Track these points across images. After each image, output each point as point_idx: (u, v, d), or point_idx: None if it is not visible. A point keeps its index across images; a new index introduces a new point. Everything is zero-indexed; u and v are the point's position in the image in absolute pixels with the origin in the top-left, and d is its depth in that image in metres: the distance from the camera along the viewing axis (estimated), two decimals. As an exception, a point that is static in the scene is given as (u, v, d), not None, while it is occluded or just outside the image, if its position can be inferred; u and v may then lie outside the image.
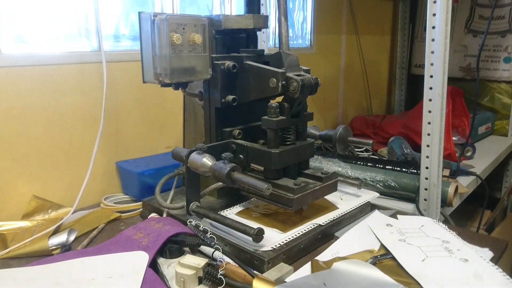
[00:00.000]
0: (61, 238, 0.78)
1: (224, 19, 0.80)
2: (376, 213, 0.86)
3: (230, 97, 0.80)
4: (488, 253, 0.70)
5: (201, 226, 0.72)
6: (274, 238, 0.71)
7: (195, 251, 0.72)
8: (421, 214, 1.02)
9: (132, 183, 1.01)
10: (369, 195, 0.91)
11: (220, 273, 0.61)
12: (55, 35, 0.97)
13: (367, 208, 0.89)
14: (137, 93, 1.08)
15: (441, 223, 0.81)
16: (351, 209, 0.84)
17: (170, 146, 1.18)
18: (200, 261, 0.63)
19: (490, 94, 1.94)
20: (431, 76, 0.98)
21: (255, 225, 0.68)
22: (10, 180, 0.90)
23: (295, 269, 0.67)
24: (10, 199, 0.90)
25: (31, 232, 0.81)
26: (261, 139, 0.83)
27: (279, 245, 0.69)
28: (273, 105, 0.73)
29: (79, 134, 0.99)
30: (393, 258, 0.68)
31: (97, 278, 0.62)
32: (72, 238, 0.80)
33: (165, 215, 0.84)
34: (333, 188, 0.81)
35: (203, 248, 0.71)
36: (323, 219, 0.78)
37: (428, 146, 1.02)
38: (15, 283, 0.63)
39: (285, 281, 0.62)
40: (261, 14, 0.89)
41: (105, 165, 1.05)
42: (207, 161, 0.70)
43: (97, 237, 0.82)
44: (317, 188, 0.76)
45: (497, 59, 1.91)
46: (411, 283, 0.62)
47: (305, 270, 0.67)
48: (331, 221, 0.78)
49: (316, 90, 0.76)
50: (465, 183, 1.24)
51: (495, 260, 0.69)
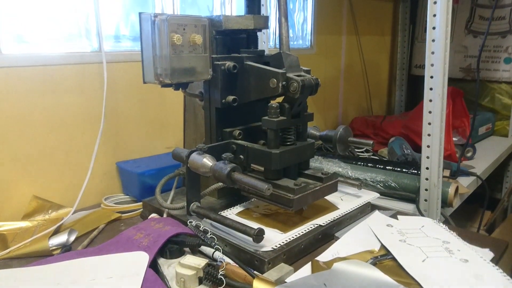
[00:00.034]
0: (62, 238, 0.78)
1: (224, 19, 0.80)
2: (376, 214, 0.86)
3: (230, 98, 0.80)
4: (488, 254, 0.70)
5: (202, 226, 0.72)
6: (274, 238, 0.70)
7: (196, 251, 0.72)
8: (422, 214, 1.02)
9: (132, 183, 1.01)
10: (370, 196, 0.91)
11: (220, 273, 0.61)
12: (55, 35, 0.98)
13: (368, 208, 0.89)
14: (137, 93, 1.09)
15: (442, 223, 0.81)
16: (351, 210, 0.84)
17: (170, 146, 1.18)
18: (200, 262, 0.63)
19: (490, 94, 1.94)
20: (432, 76, 0.98)
21: (255, 225, 0.68)
22: (10, 180, 0.90)
23: (296, 270, 0.67)
24: (10, 199, 0.90)
25: (31, 232, 0.81)
26: (261, 139, 0.83)
27: (280, 246, 0.69)
28: (274, 105, 0.73)
29: (80, 134, 0.99)
30: (394, 258, 0.68)
31: (97, 278, 0.62)
32: (72, 238, 0.80)
33: (165, 215, 0.84)
34: (333, 188, 0.80)
35: (204, 248, 0.71)
36: (323, 220, 0.78)
37: (428, 146, 1.02)
38: (15, 283, 0.63)
39: (286, 282, 0.62)
40: (262, 14, 0.89)
41: (106, 166, 1.05)
42: (208, 161, 0.70)
43: (98, 238, 0.82)
44: (317, 188, 0.76)
45: (497, 59, 1.91)
46: (412, 283, 0.62)
47: (306, 270, 0.67)
48: (331, 221, 0.78)
49: (316, 90, 0.76)
50: (466, 184, 1.24)
51: (496, 260, 0.69)
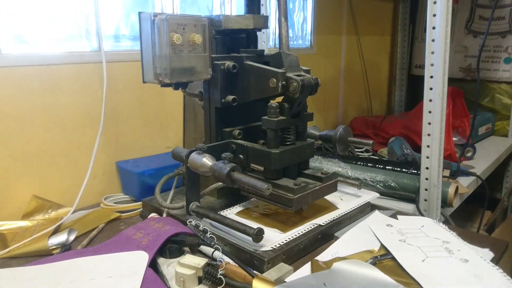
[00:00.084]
0: (61, 238, 0.78)
1: (224, 19, 0.80)
2: (376, 214, 0.86)
3: (230, 97, 0.80)
4: (488, 254, 0.70)
5: (201, 226, 0.72)
6: (274, 238, 0.70)
7: (195, 251, 0.72)
8: (421, 214, 1.02)
9: (132, 183, 1.01)
10: (369, 196, 0.91)
11: (220, 273, 0.61)
12: (55, 35, 0.97)
13: (367, 208, 0.89)
14: (137, 93, 1.09)
15: (441, 223, 0.81)
16: (351, 209, 0.84)
17: (170, 146, 1.18)
18: (200, 261, 0.63)
19: (490, 94, 1.94)
20: (432, 76, 0.98)
21: (255, 225, 0.68)
22: (10, 180, 0.90)
23: (295, 269, 0.67)
24: (10, 199, 0.90)
25: (31, 231, 0.81)
26: (261, 139, 0.83)
27: (279, 245, 0.69)
28: (273, 105, 0.73)
29: (79, 134, 0.99)
30: (393, 258, 0.68)
31: (96, 278, 0.62)
32: (72, 238, 0.80)
33: (165, 215, 0.84)
34: (333, 188, 0.80)
35: (203, 248, 0.71)
36: (323, 219, 0.78)
37: (428, 146, 1.02)
38: (15, 282, 0.63)
39: (285, 281, 0.62)
40: (261, 14, 0.89)
41: (105, 165, 1.05)
42: (207, 161, 0.70)
43: (97, 237, 0.82)
44: (317, 188, 0.76)
45: (497, 59, 1.91)
46: (411, 283, 0.62)
47: (305, 270, 0.67)
48: (331, 221, 0.78)
49: (316, 90, 0.76)
50: (466, 184, 1.24)
51: (496, 260, 0.69)
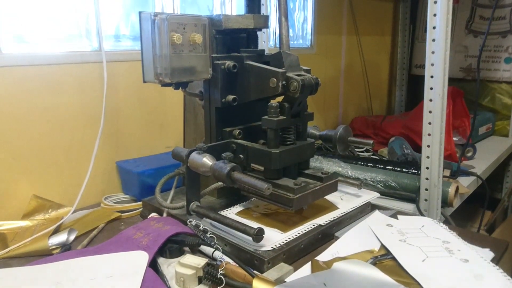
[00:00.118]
0: (61, 237, 0.78)
1: (224, 19, 0.80)
2: (376, 213, 0.86)
3: (230, 97, 0.80)
4: (488, 254, 0.70)
5: (201, 226, 0.72)
6: (274, 238, 0.70)
7: (195, 251, 0.72)
8: (422, 214, 1.02)
9: (132, 183, 1.01)
10: (370, 195, 0.91)
11: (220, 273, 0.61)
12: (55, 35, 0.97)
13: (368, 208, 0.89)
14: (137, 92, 1.09)
15: (442, 223, 0.81)
16: (351, 209, 0.84)
17: (170, 146, 1.18)
18: (200, 261, 0.63)
19: (490, 94, 1.94)
20: (432, 76, 0.98)
21: (255, 225, 0.68)
22: (10, 179, 0.90)
23: (295, 269, 0.67)
24: (10, 199, 0.90)
25: (31, 231, 0.81)
26: (261, 139, 0.83)
27: (279, 245, 0.69)
28: (274, 105, 0.73)
29: (79, 133, 0.99)
30: (394, 258, 0.68)
31: (97, 277, 0.62)
32: (72, 237, 0.80)
33: (165, 215, 0.84)
34: (333, 188, 0.80)
35: (203, 248, 0.71)
36: (323, 219, 0.78)
37: (428, 146, 1.02)
38: (15, 282, 0.63)
39: (285, 281, 0.62)
40: (262, 14, 0.89)
41: (105, 165, 1.05)
42: (207, 161, 0.70)
43: (97, 237, 0.82)
44: (317, 188, 0.76)
45: (497, 59, 1.91)
46: (412, 283, 0.62)
47: (305, 270, 0.67)
48: (331, 221, 0.78)
49: (316, 90, 0.76)
50: (466, 184, 1.23)
51: (496, 260, 0.69)
